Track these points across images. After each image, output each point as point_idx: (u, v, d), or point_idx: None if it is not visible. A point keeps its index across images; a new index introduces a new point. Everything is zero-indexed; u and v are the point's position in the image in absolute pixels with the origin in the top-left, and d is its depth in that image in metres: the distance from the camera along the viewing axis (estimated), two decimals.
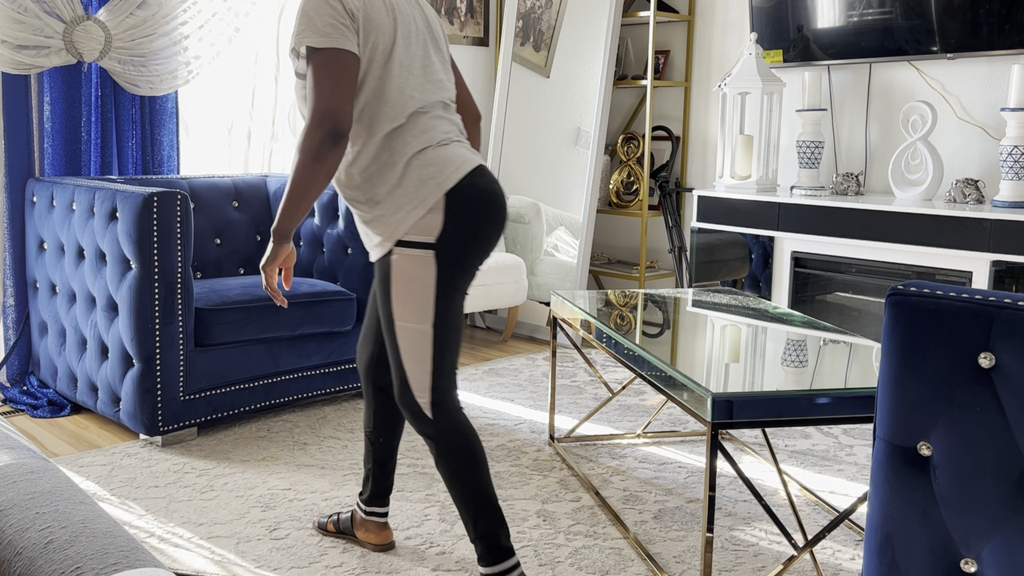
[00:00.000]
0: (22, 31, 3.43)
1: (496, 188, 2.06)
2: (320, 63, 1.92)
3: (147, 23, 3.68)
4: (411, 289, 1.99)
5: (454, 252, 1.98)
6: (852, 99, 4.11)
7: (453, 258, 1.98)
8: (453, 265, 1.98)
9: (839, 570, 2.31)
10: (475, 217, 2.00)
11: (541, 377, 4.00)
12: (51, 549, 0.97)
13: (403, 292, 2.00)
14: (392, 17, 2.02)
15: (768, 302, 3.01)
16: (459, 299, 2.03)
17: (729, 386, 2.01)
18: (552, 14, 4.75)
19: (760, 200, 3.95)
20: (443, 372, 2.03)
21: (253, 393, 3.30)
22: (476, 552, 2.10)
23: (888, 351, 1.17)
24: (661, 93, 4.88)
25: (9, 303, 3.65)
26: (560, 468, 2.96)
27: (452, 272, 1.99)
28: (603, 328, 2.63)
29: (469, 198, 1.99)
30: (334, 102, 1.91)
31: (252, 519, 2.56)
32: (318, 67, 1.92)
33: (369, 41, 1.98)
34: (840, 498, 2.75)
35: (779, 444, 3.21)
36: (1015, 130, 3.39)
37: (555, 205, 4.68)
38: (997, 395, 1.09)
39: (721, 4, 4.54)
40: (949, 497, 1.13)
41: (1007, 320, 1.08)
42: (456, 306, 2.02)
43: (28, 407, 3.46)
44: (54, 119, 3.60)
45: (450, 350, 2.03)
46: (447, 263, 1.98)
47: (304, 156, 1.92)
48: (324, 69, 1.92)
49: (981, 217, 3.29)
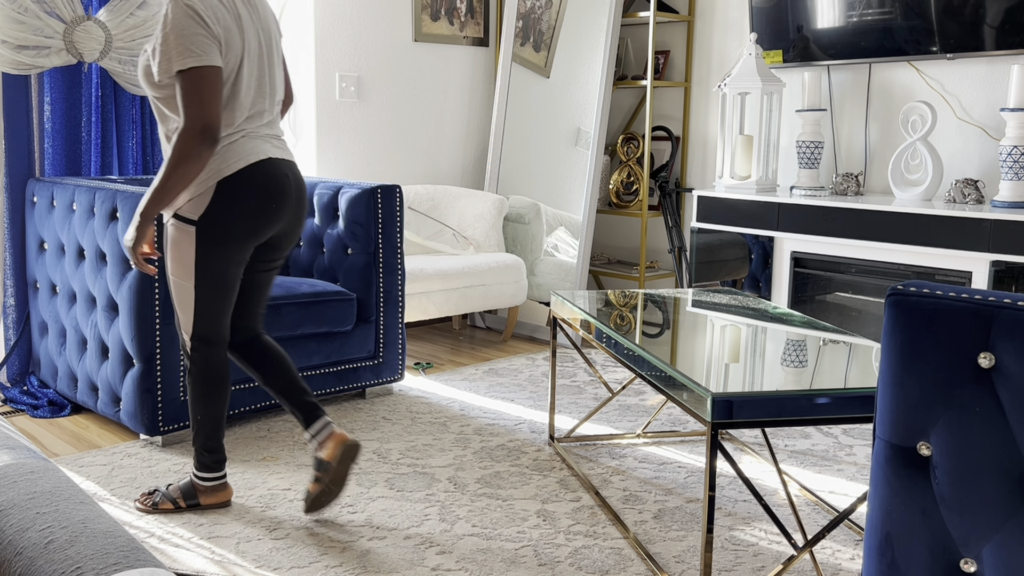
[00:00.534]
0: (22, 31, 3.43)
1: (278, 176, 2.46)
2: (197, 78, 2.26)
3: (147, 23, 3.68)
4: (178, 254, 2.43)
5: (213, 230, 2.40)
6: (852, 99, 4.12)
7: (212, 235, 2.40)
8: (212, 241, 2.41)
9: (839, 570, 2.31)
10: (242, 201, 2.41)
11: (541, 377, 4.00)
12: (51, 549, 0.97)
13: (174, 255, 2.44)
14: (242, 39, 2.38)
15: (768, 302, 3.01)
16: (226, 267, 2.45)
17: (729, 386, 2.01)
18: (552, 14, 4.75)
19: (760, 200, 3.95)
20: (204, 320, 2.48)
21: (253, 393, 3.30)
22: (193, 456, 2.61)
23: (888, 351, 1.17)
24: (661, 93, 4.88)
25: (9, 303, 3.65)
26: (560, 468, 2.96)
27: (211, 246, 2.41)
28: (603, 328, 2.63)
29: (241, 185, 2.40)
30: (210, 113, 2.27)
31: (252, 519, 2.56)
32: (196, 81, 2.26)
33: (228, 64, 2.35)
34: (840, 498, 2.76)
35: (779, 444, 3.21)
36: (1015, 130, 3.40)
37: (555, 205, 4.69)
38: (997, 395, 1.09)
39: (721, 4, 4.55)
40: (949, 497, 1.13)
41: (1007, 320, 1.08)
42: (220, 272, 2.45)
43: (28, 407, 3.46)
44: (54, 119, 3.60)
45: (214, 304, 2.47)
46: (205, 239, 2.40)
47: (182, 156, 2.26)
48: (201, 83, 2.26)
49: (981, 217, 3.29)
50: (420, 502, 2.68)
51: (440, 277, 4.20)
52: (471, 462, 3.00)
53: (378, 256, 3.55)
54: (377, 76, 4.63)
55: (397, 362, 3.68)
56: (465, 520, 2.56)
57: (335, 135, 4.52)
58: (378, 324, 3.60)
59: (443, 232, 4.56)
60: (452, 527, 2.52)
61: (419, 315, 4.16)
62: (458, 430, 3.30)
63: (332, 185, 3.66)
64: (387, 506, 2.65)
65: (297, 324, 3.33)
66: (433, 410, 3.53)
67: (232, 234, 2.42)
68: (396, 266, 3.60)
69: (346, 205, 3.55)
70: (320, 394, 3.50)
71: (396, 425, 3.35)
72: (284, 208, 2.49)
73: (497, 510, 2.63)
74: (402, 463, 2.98)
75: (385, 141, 4.72)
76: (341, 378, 3.53)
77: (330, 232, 3.64)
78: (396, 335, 3.65)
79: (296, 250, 3.81)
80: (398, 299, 3.64)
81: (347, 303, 3.46)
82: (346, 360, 3.54)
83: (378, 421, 3.39)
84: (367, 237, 3.53)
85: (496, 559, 2.34)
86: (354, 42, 4.53)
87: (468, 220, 4.63)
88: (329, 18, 4.44)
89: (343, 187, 3.61)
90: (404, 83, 4.75)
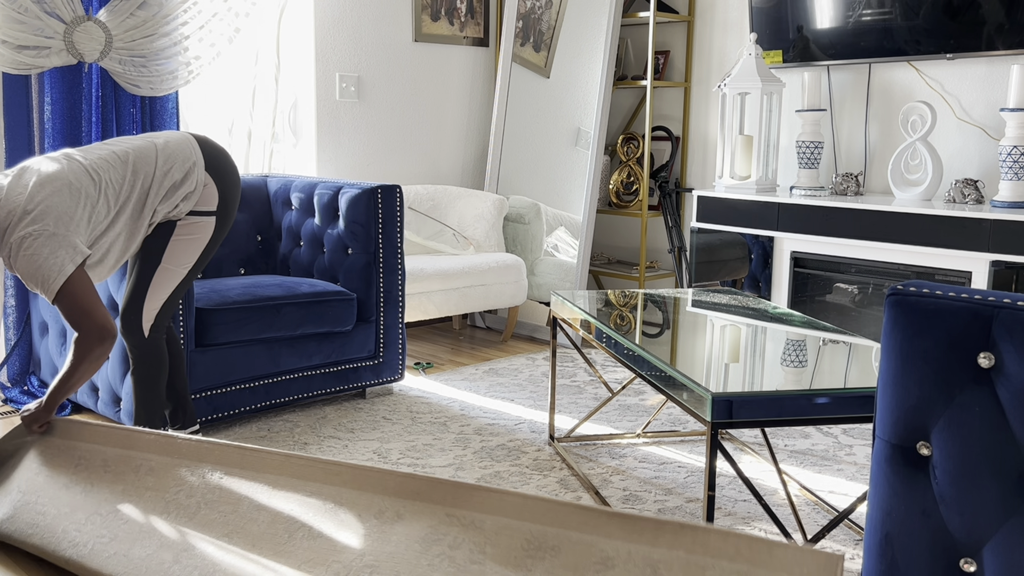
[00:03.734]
0: (22, 31, 3.43)
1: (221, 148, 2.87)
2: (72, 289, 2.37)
3: (147, 23, 3.68)
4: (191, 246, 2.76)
5: (227, 218, 2.82)
6: (852, 99, 4.12)
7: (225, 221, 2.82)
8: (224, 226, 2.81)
9: None
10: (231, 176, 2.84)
11: (541, 377, 4.00)
12: None
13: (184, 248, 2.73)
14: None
15: (768, 302, 3.01)
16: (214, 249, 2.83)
17: (729, 386, 2.02)
18: (552, 14, 4.76)
19: (760, 200, 3.95)
20: (170, 305, 2.74)
21: (253, 393, 3.30)
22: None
23: (888, 351, 1.17)
24: (661, 93, 4.89)
25: (10, 303, 3.65)
26: (560, 468, 2.96)
27: (222, 232, 2.81)
28: (603, 328, 2.63)
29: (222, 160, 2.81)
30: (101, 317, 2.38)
31: None
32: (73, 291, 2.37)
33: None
34: (840, 498, 2.76)
35: (779, 444, 3.21)
36: (1014, 130, 3.40)
37: (555, 205, 4.69)
38: (996, 395, 1.09)
39: (721, 4, 4.55)
40: (949, 497, 1.13)
41: (1007, 320, 1.08)
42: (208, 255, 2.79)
43: None
44: (54, 119, 3.60)
45: (181, 289, 2.75)
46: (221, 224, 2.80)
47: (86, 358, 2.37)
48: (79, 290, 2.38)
49: (980, 217, 3.29)
50: None
51: (440, 277, 4.20)
52: (471, 462, 3.00)
53: (378, 256, 3.56)
54: (377, 76, 4.64)
55: (397, 362, 3.68)
56: None
57: (335, 135, 4.52)
58: (378, 324, 3.60)
59: (443, 232, 4.56)
60: None
61: (419, 315, 4.17)
62: (458, 430, 3.30)
63: (332, 185, 3.67)
64: None
65: (297, 324, 3.33)
66: (433, 410, 3.53)
67: (233, 212, 2.79)
68: (396, 266, 3.60)
69: (346, 205, 3.55)
70: (320, 394, 3.50)
71: (396, 425, 3.35)
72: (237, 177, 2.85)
73: None
74: (402, 463, 2.98)
75: (385, 141, 4.72)
76: (341, 378, 3.54)
77: (330, 232, 3.64)
78: (396, 335, 3.66)
79: (297, 250, 3.82)
80: (398, 299, 3.64)
81: (347, 303, 3.46)
82: (346, 360, 3.54)
83: (378, 421, 3.39)
84: (367, 237, 3.53)
85: None
86: (354, 42, 4.53)
87: (468, 220, 4.64)
88: (329, 18, 4.44)
89: (343, 187, 3.61)
90: (404, 83, 4.75)
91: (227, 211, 2.77)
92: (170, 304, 2.74)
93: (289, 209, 3.84)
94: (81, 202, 2.42)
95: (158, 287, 2.69)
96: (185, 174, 2.66)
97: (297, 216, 3.80)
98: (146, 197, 2.60)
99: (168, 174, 2.63)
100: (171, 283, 2.71)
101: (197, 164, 2.70)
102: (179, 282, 2.73)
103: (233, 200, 2.79)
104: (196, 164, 2.70)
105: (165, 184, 2.62)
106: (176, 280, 2.72)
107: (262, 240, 3.91)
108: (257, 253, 3.89)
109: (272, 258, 3.92)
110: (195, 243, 2.71)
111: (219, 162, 2.76)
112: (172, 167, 2.64)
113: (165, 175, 2.62)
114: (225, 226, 2.78)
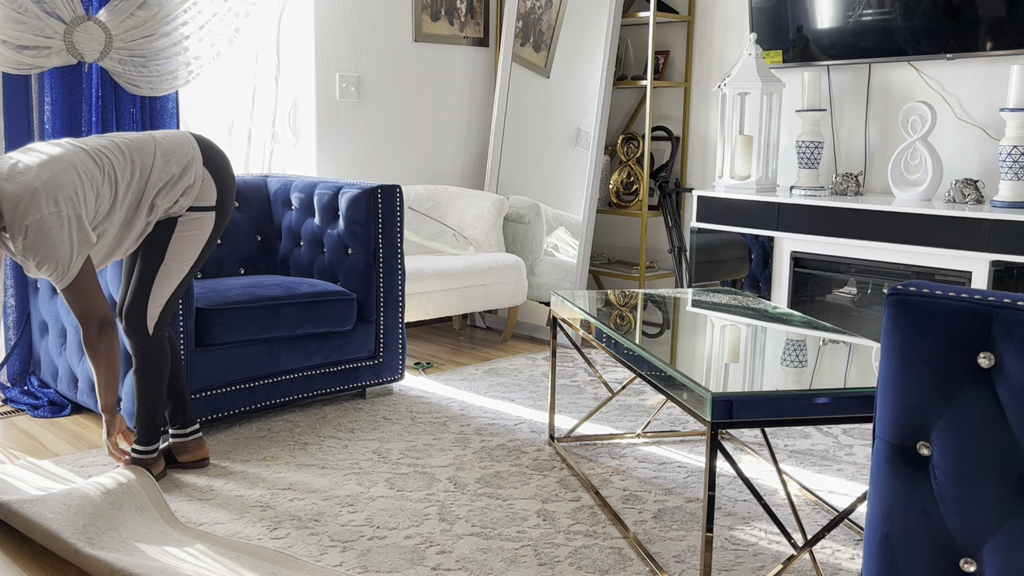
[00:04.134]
0: (22, 31, 3.43)
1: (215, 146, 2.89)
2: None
3: (147, 23, 3.68)
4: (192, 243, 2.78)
5: (225, 211, 2.84)
6: (852, 99, 4.12)
7: (224, 215, 2.83)
8: (223, 221, 2.83)
9: (838, 570, 2.32)
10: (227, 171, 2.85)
11: (541, 377, 4.00)
12: None
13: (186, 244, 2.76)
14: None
15: (768, 302, 3.01)
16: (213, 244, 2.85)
17: (729, 386, 2.02)
18: (552, 14, 4.75)
19: (760, 200, 3.95)
20: (172, 302, 2.77)
21: (253, 393, 3.30)
22: (135, 432, 2.82)
23: (888, 351, 1.17)
24: (661, 93, 4.89)
25: (10, 303, 3.65)
26: (560, 468, 2.96)
27: (220, 227, 2.83)
28: (603, 328, 2.63)
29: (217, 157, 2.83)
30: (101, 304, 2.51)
31: (252, 519, 2.56)
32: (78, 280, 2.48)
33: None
34: (840, 498, 2.76)
35: (779, 444, 3.21)
36: (1014, 130, 3.40)
37: (555, 205, 4.69)
38: (996, 395, 1.09)
39: (721, 4, 4.55)
40: (949, 497, 1.13)
41: (1006, 320, 1.08)
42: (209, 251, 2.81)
43: (29, 407, 3.46)
44: (54, 119, 3.60)
45: (184, 285, 2.78)
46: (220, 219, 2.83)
47: (99, 354, 2.54)
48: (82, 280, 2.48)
49: (980, 217, 3.29)
50: (420, 502, 2.68)
51: (440, 277, 4.20)
52: (471, 462, 3.00)
53: (378, 256, 3.56)
54: (377, 76, 4.64)
55: (397, 362, 3.68)
56: (465, 520, 2.57)
57: (335, 135, 4.52)
58: (378, 324, 3.60)
59: (443, 232, 4.56)
60: (452, 527, 2.52)
61: (419, 315, 4.16)
62: (458, 430, 3.30)
63: (332, 185, 3.67)
64: (387, 506, 2.65)
65: (297, 324, 3.33)
66: (433, 410, 3.53)
67: (230, 207, 2.82)
68: (396, 266, 3.60)
69: (346, 205, 3.55)
70: (320, 394, 3.50)
71: (396, 425, 3.35)
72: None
73: (497, 510, 2.63)
74: (402, 463, 2.98)
75: (385, 141, 4.72)
76: (341, 378, 3.54)
77: (330, 232, 3.64)
78: (396, 335, 3.66)
79: (297, 250, 3.82)
80: (398, 299, 3.64)
81: (347, 303, 3.46)
82: (346, 360, 3.54)
83: (378, 421, 3.39)
84: (367, 237, 3.53)
85: (496, 559, 2.34)
86: (354, 42, 4.53)
87: (468, 220, 4.64)
88: (329, 18, 4.44)
89: (343, 187, 3.61)
90: (404, 83, 4.75)
91: (225, 206, 2.80)
92: (172, 302, 2.76)
93: (289, 209, 3.84)
94: (87, 184, 2.46)
95: (162, 284, 2.71)
96: (183, 168, 2.68)
97: (297, 216, 3.80)
98: (144, 188, 2.61)
99: (166, 167, 2.65)
100: (174, 280, 2.73)
101: (195, 159, 2.72)
102: (181, 279, 2.75)
103: (230, 195, 2.82)
104: (194, 159, 2.72)
105: (163, 177, 2.64)
106: (179, 277, 2.74)
107: (262, 240, 3.91)
108: (257, 253, 3.89)
109: (272, 258, 3.92)
110: (196, 239, 2.74)
111: (216, 158, 2.78)
112: (170, 160, 2.66)
113: (163, 167, 2.64)
114: (224, 222, 2.81)
